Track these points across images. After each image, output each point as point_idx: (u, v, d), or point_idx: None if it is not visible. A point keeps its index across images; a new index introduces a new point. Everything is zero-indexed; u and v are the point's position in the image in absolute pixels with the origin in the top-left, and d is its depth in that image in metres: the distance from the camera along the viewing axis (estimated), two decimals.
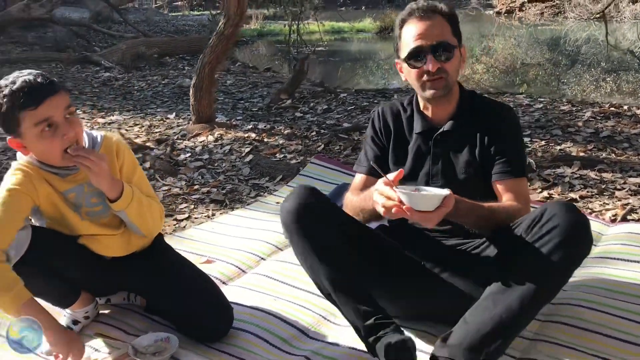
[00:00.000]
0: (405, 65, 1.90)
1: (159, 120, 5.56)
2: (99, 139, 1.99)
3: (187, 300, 2.04)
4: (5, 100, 1.73)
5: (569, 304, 2.12)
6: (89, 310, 2.12)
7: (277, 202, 3.30)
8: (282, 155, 4.19)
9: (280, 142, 4.52)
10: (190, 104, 5.04)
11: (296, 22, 12.29)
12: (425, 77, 1.86)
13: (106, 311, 2.22)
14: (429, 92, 1.88)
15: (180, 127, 5.14)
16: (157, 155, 4.19)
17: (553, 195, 3.21)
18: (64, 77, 8.31)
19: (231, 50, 10.85)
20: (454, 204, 1.62)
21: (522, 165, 1.93)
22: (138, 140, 4.71)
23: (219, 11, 12.99)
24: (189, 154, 4.30)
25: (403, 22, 1.89)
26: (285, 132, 4.84)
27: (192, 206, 3.35)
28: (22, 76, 1.76)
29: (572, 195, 3.20)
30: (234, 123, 5.24)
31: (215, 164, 4.09)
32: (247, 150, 4.28)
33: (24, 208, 1.85)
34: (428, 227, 1.88)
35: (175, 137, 4.79)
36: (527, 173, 1.94)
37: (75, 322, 2.09)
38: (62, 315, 2.11)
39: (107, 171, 1.84)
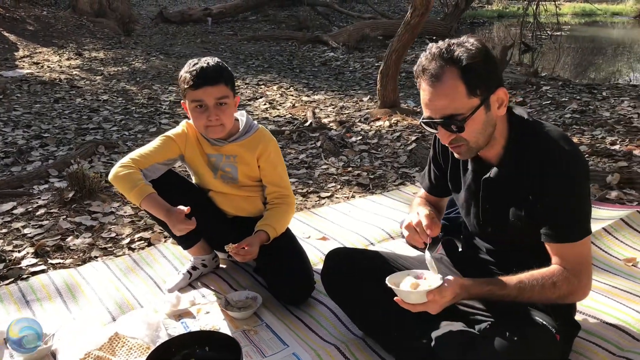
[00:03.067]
0: None
1: (353, 102, 5.95)
2: (253, 129, 2.40)
3: (279, 267, 2.37)
4: (184, 75, 2.22)
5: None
6: (206, 259, 2.57)
7: (414, 193, 3.44)
8: None
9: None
10: (377, 90, 5.32)
11: (534, 3, 11.61)
12: (444, 142, 1.73)
13: (223, 266, 2.65)
14: (455, 154, 1.78)
15: (367, 111, 5.46)
16: (331, 136, 4.57)
17: None
18: (294, 54, 9.22)
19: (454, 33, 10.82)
20: (463, 291, 1.65)
21: (572, 229, 1.69)
22: (325, 120, 5.15)
23: None
24: (360, 137, 4.60)
25: (416, 74, 1.68)
26: None
27: (339, 186, 3.65)
28: (204, 62, 2.21)
29: None
30: (417, 110, 5.38)
31: (379, 149, 4.33)
32: (413, 138, 4.43)
33: (170, 151, 2.36)
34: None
35: (357, 120, 5.12)
36: (582, 235, 1.68)
37: (194, 268, 2.55)
38: (188, 261, 2.59)
39: (255, 251, 2.28)
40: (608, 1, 15.51)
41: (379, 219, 3.09)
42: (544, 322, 1.75)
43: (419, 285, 1.67)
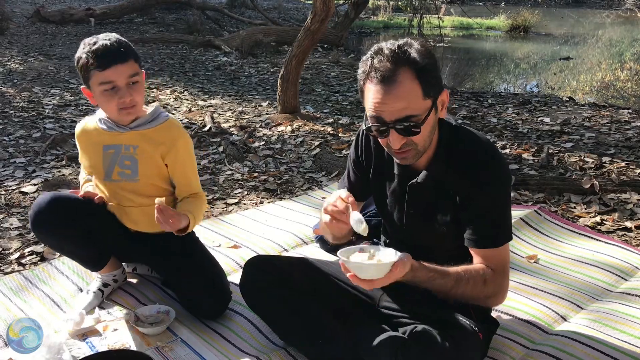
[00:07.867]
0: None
1: (252, 107, 5.86)
2: (162, 119, 2.16)
3: (188, 281, 2.22)
4: (83, 56, 1.98)
5: (563, 335, 2.05)
6: (117, 274, 2.37)
7: (323, 197, 3.42)
8: (347, 152, 4.27)
9: (353, 138, 4.60)
10: (277, 95, 5.27)
11: (418, 16, 12.12)
12: (391, 149, 1.67)
13: (133, 280, 2.47)
14: (398, 160, 1.72)
15: (268, 116, 5.39)
16: (233, 141, 4.46)
17: (606, 222, 3.02)
18: (185, 58, 8.95)
19: (345, 42, 11.05)
20: (410, 271, 1.56)
21: (496, 235, 1.72)
22: (225, 125, 5.02)
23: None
24: (263, 142, 4.53)
25: (365, 76, 1.60)
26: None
27: (246, 192, 3.56)
28: (103, 39, 1.98)
29: (628, 224, 2.99)
30: (317, 115, 5.40)
31: (283, 154, 4.28)
32: (316, 143, 4.42)
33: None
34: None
35: (258, 125, 5.04)
36: (505, 240, 1.73)
37: (105, 284, 2.34)
38: (95, 279, 2.38)
39: (178, 226, 2.01)
40: (483, 16, 16.55)
41: (290, 225, 3.03)
42: (468, 323, 1.78)
43: (375, 258, 1.56)
